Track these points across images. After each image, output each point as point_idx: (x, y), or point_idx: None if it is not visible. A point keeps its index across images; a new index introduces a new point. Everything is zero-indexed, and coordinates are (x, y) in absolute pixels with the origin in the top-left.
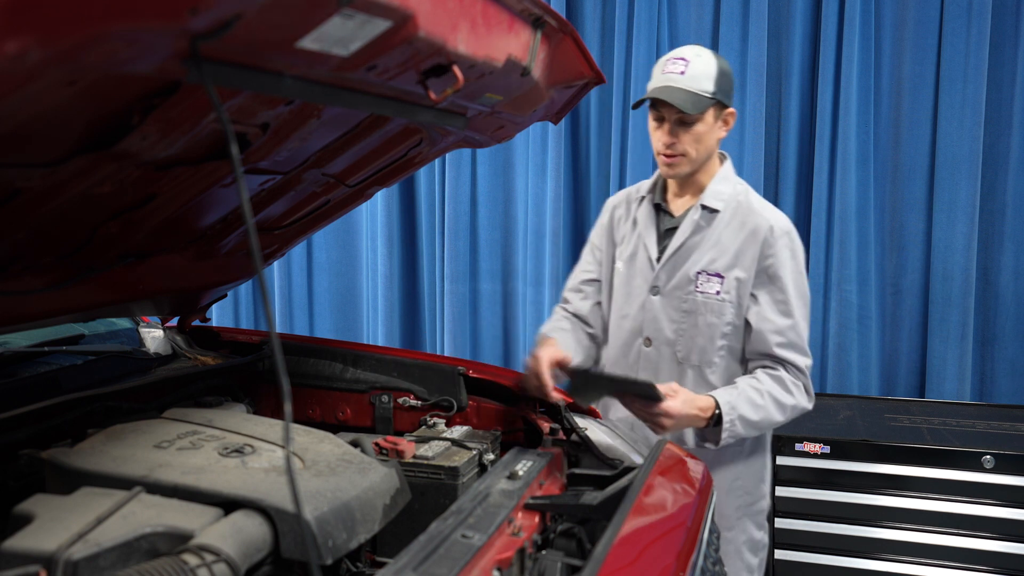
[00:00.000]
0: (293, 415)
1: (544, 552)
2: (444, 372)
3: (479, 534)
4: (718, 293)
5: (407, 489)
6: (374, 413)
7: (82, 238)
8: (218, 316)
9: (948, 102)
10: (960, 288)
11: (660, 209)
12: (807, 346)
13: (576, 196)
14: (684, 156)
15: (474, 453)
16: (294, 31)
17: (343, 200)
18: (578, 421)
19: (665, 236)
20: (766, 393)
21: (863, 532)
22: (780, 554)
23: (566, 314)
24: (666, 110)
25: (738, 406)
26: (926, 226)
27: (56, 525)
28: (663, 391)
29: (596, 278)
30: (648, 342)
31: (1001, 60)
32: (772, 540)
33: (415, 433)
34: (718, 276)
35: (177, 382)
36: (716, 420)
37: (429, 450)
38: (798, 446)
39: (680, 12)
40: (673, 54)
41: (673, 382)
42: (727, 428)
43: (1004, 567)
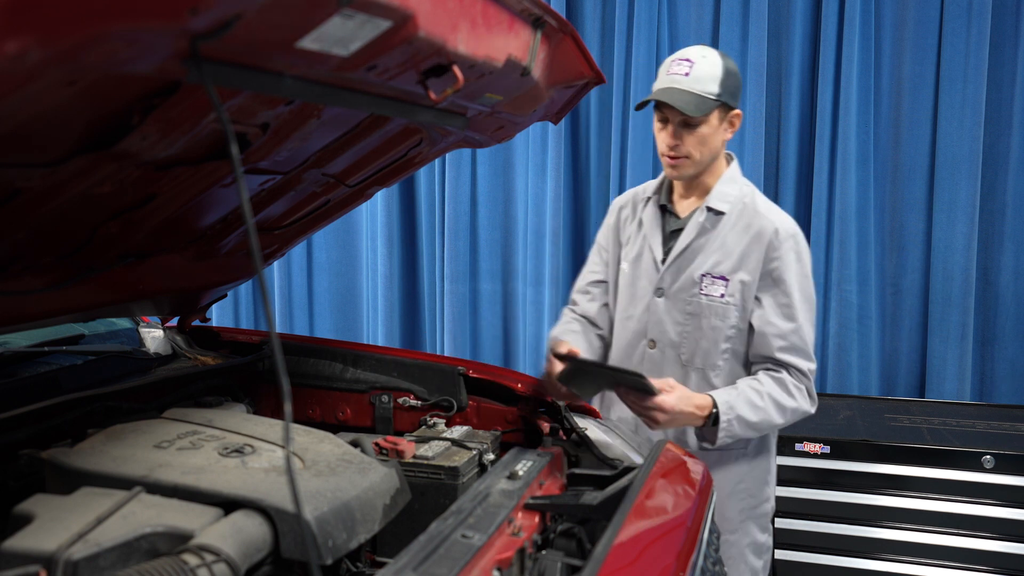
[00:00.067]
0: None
1: (544, 552)
2: (444, 372)
3: (479, 534)
4: (722, 296)
5: (407, 489)
6: (374, 413)
7: (82, 238)
8: (218, 316)
9: (948, 102)
10: (960, 288)
11: (666, 210)
12: (812, 350)
13: (576, 196)
14: (688, 158)
15: (474, 453)
16: (294, 31)
17: (343, 200)
18: (578, 421)
19: (670, 238)
20: (766, 395)
21: (863, 532)
22: (780, 554)
23: (575, 316)
24: (670, 112)
25: (736, 406)
26: (926, 226)
27: (56, 525)
28: (659, 386)
29: (603, 279)
30: (652, 344)
31: (1001, 60)
32: (773, 541)
33: (415, 433)
34: (723, 279)
35: (177, 382)
36: (713, 420)
37: (429, 450)
38: (798, 446)
39: (680, 12)
40: (679, 54)
41: (670, 378)
42: (724, 428)
43: (1004, 567)
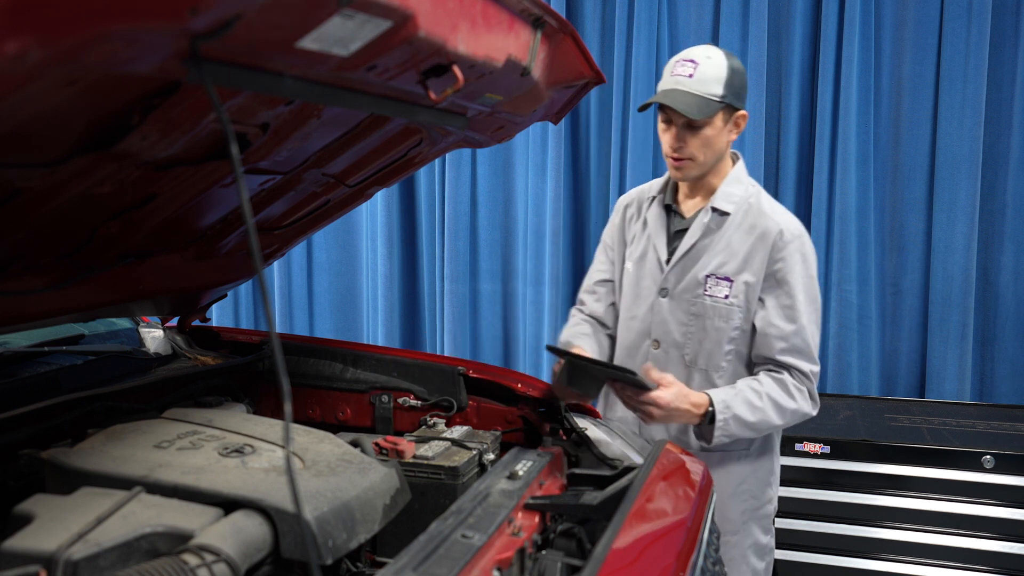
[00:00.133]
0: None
1: (544, 552)
2: (444, 372)
3: (479, 534)
4: (726, 297)
5: (407, 489)
6: (374, 413)
7: (82, 238)
8: (218, 316)
9: (948, 102)
10: (960, 288)
11: (670, 210)
12: (815, 352)
13: (576, 196)
14: (692, 160)
15: (474, 453)
16: (294, 31)
17: (343, 200)
18: (578, 421)
19: (675, 238)
20: (765, 395)
21: (863, 532)
22: (780, 554)
23: (584, 317)
24: (674, 113)
25: (733, 406)
26: (926, 226)
27: (56, 525)
28: (657, 380)
29: (609, 278)
30: (656, 344)
31: (1001, 60)
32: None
33: (415, 433)
34: (727, 280)
35: (177, 382)
36: (710, 418)
37: (429, 450)
38: (798, 446)
39: (680, 12)
40: (683, 55)
41: (669, 374)
42: (720, 427)
43: (1004, 567)
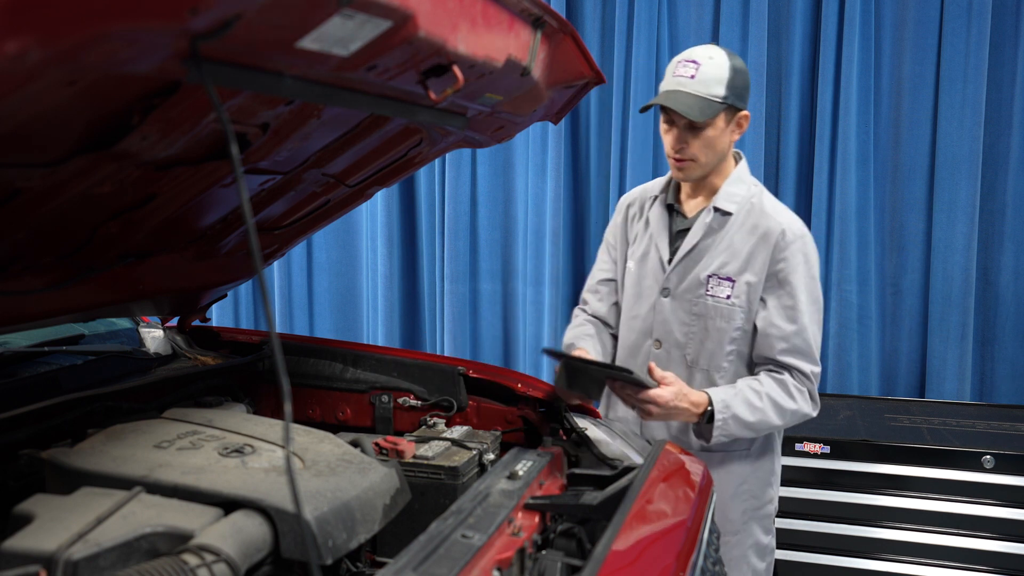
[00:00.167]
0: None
1: (544, 552)
2: (444, 372)
3: (479, 534)
4: (728, 297)
5: (407, 489)
6: (374, 413)
7: (82, 238)
8: (218, 316)
9: (948, 102)
10: (960, 288)
11: (673, 210)
12: (816, 352)
13: (576, 196)
14: (694, 161)
15: (474, 453)
16: (294, 31)
17: (343, 200)
18: (578, 421)
19: (677, 237)
20: (765, 395)
21: (863, 532)
22: (780, 554)
23: (587, 317)
24: (675, 114)
25: (732, 405)
26: (926, 226)
27: (56, 525)
28: (658, 377)
29: (612, 277)
30: (658, 344)
31: (1001, 60)
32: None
33: (415, 433)
34: (729, 280)
35: (177, 382)
36: (709, 417)
37: (429, 450)
38: (798, 446)
39: (680, 12)
40: (685, 55)
41: (669, 372)
42: (719, 426)
43: (1004, 567)
